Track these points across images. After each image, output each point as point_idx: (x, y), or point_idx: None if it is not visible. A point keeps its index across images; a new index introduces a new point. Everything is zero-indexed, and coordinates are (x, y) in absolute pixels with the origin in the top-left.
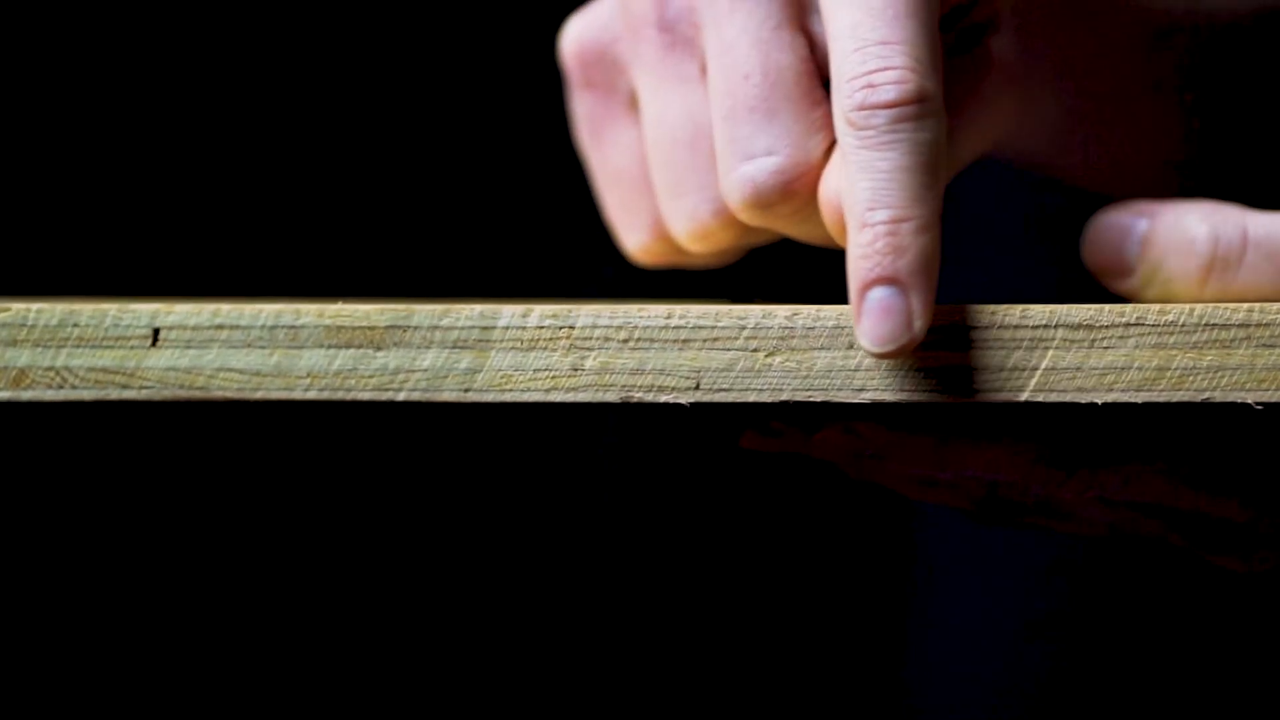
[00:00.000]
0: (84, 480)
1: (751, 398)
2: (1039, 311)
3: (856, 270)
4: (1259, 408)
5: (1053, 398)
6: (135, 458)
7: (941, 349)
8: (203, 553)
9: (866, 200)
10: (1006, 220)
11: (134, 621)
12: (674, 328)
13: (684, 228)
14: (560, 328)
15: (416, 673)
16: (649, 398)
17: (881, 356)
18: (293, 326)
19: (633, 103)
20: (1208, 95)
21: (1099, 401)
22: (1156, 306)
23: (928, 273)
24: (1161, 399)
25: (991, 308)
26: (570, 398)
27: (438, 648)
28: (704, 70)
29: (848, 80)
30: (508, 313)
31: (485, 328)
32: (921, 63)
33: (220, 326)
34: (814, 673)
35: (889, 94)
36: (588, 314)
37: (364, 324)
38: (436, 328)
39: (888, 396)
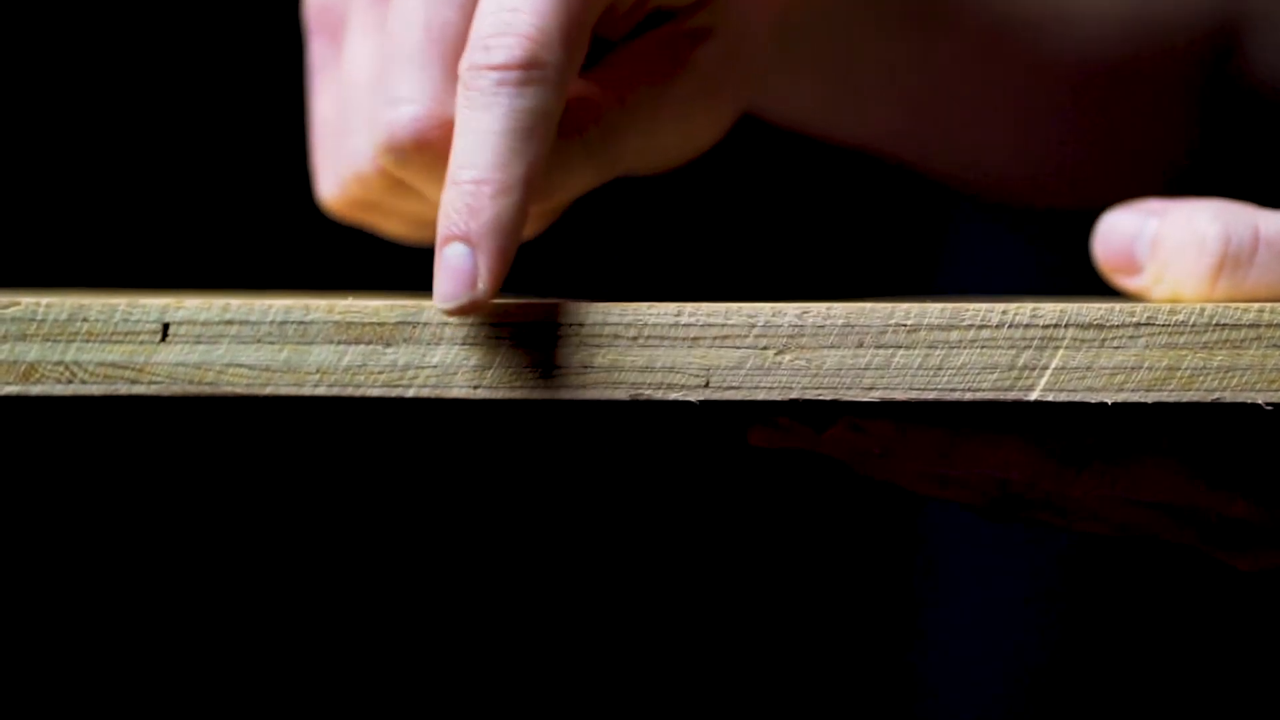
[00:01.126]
0: (93, 475)
1: (761, 396)
2: (1050, 310)
3: (439, 227)
4: (1269, 408)
5: (1063, 397)
6: (144, 453)
7: (951, 346)
8: (210, 547)
9: (458, 159)
10: (1017, 218)
11: (142, 615)
12: (684, 325)
13: (347, 169)
14: (570, 325)
15: (423, 666)
16: (658, 395)
17: (450, 314)
18: (302, 322)
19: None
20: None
21: (1109, 401)
22: (1167, 306)
23: (500, 235)
24: (1172, 399)
25: (1002, 306)
26: (579, 395)
27: (445, 641)
28: None
29: (471, 40)
30: (517, 310)
31: (495, 324)
32: (543, 32)
33: (230, 322)
34: (821, 668)
35: (498, 56)
36: (597, 311)
37: (374, 320)
38: (446, 324)
39: (897, 395)
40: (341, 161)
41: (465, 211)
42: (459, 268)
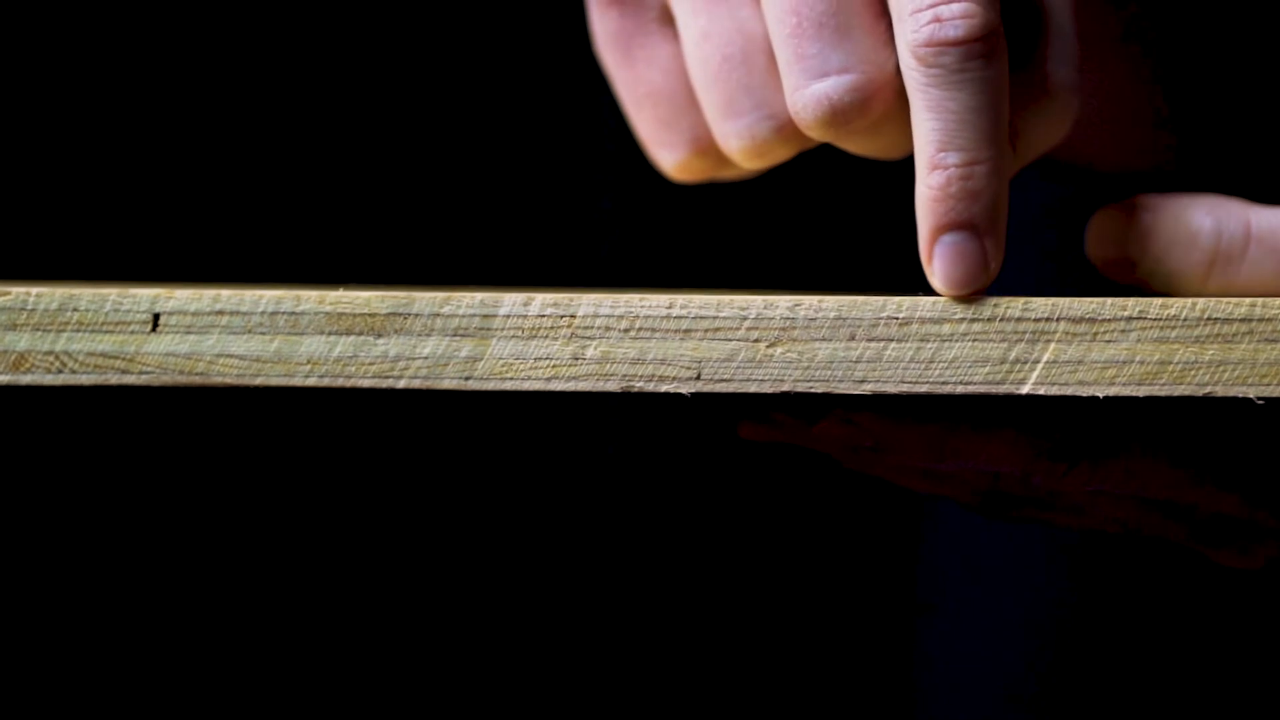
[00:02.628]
0: (83, 465)
1: (753, 388)
2: (1041, 304)
3: (930, 213)
4: (1260, 402)
5: (1054, 391)
6: (134, 443)
7: (943, 340)
8: (202, 538)
9: (938, 140)
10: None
11: (133, 606)
12: (675, 317)
13: (740, 145)
14: (561, 316)
15: (415, 664)
16: (650, 387)
17: (955, 297)
18: (293, 313)
19: (665, 18)
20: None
21: (1100, 395)
22: (1159, 300)
23: (1000, 215)
24: (1163, 393)
25: (994, 300)
26: (571, 387)
27: (436, 637)
28: None
29: (912, 12)
30: (509, 301)
31: (486, 316)
32: None
33: (220, 312)
34: (818, 667)
35: (958, 30)
36: (589, 303)
37: (365, 311)
38: (438, 315)
39: (889, 388)
40: (725, 137)
41: (963, 196)
42: (968, 253)
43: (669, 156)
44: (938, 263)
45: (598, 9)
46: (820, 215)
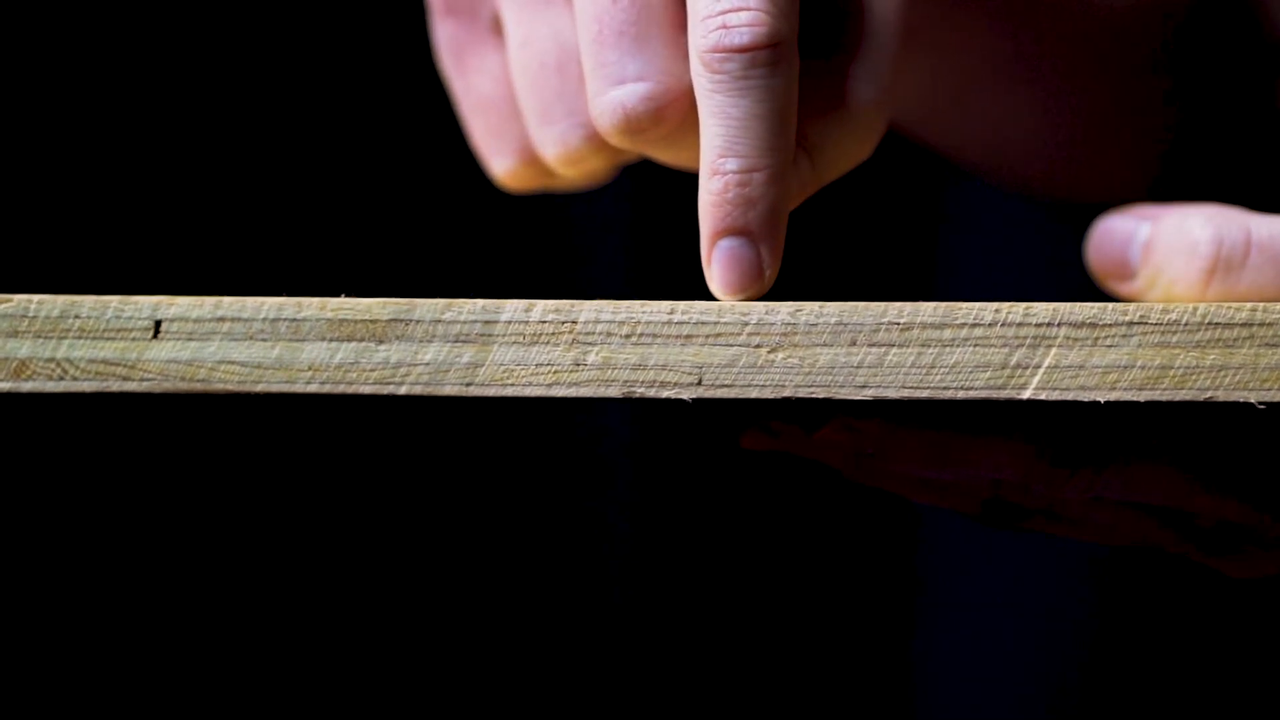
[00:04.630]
0: (85, 472)
1: (754, 393)
2: (1042, 309)
3: (708, 218)
4: (1262, 407)
5: (1055, 396)
6: (136, 450)
7: (944, 345)
8: (203, 545)
9: (719, 147)
10: (1011, 219)
11: (135, 613)
12: (677, 323)
13: (554, 153)
14: (563, 322)
15: (415, 669)
16: (651, 393)
17: (733, 300)
18: (295, 320)
19: (496, 28)
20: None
21: (1101, 400)
22: (1159, 305)
23: (777, 223)
24: (1164, 398)
25: (995, 305)
26: (572, 392)
27: (437, 642)
28: None
29: (703, 18)
30: (510, 307)
31: (488, 322)
32: (777, 5)
33: (222, 319)
34: (819, 676)
35: (743, 37)
36: (590, 309)
37: (366, 317)
38: (439, 321)
39: (890, 393)
40: (541, 144)
41: (739, 202)
42: (743, 258)
43: (499, 164)
44: (715, 267)
45: (437, 18)
46: (820, 222)
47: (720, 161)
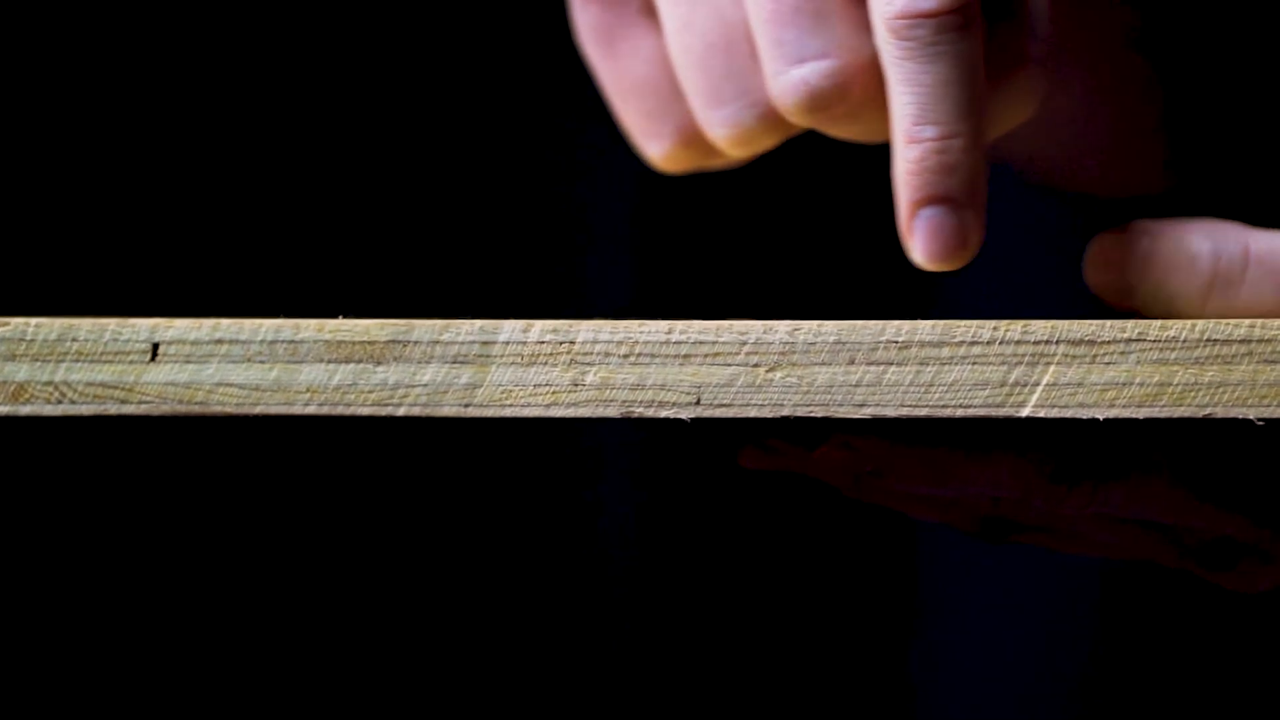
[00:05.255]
0: (83, 495)
1: (752, 413)
2: (1041, 327)
3: (908, 187)
4: (1260, 423)
5: (1054, 413)
6: (134, 473)
7: (942, 363)
8: (202, 567)
9: (914, 114)
10: (1008, 233)
11: (133, 636)
12: (675, 343)
13: (726, 133)
14: (561, 343)
15: (413, 686)
16: (649, 413)
17: (935, 270)
18: (292, 341)
19: (646, 9)
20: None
21: (1100, 417)
22: (1158, 322)
23: (978, 188)
24: (1163, 414)
25: (994, 322)
26: (570, 413)
27: (435, 661)
28: None
29: None
30: (508, 328)
31: (485, 343)
32: None
33: (220, 341)
34: (820, 694)
35: (931, 1)
36: (588, 329)
37: (364, 339)
38: (437, 342)
39: (888, 412)
40: (711, 125)
41: (940, 169)
42: (947, 226)
43: (656, 147)
44: (917, 237)
45: (579, 2)
46: (819, 240)
47: (916, 129)
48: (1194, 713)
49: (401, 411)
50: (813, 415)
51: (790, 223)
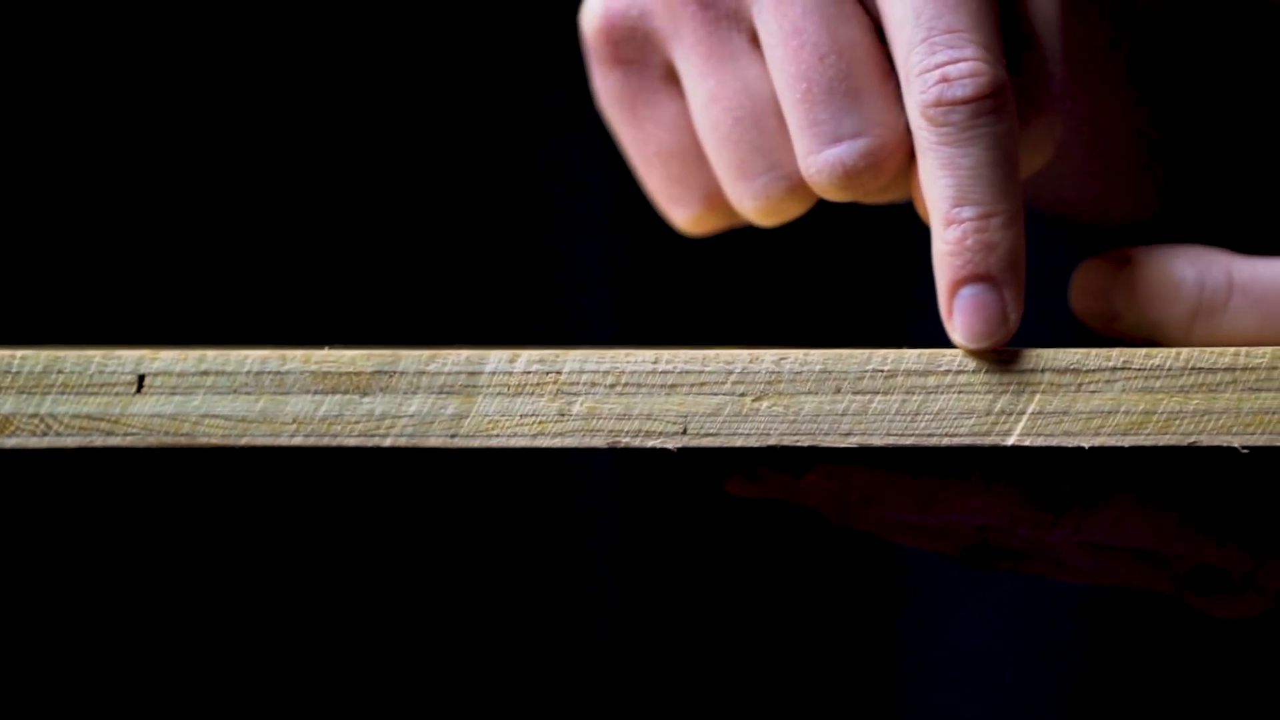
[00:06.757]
0: (70, 526)
1: (739, 442)
2: (1026, 355)
3: (947, 267)
4: (1245, 451)
5: (1040, 441)
6: (121, 504)
7: (928, 392)
8: (189, 597)
9: (952, 196)
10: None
11: (120, 663)
12: (661, 372)
13: (754, 205)
14: (547, 373)
15: (402, 712)
16: (636, 442)
17: (976, 351)
18: (278, 372)
19: (669, 76)
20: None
21: (1086, 445)
22: (1143, 350)
23: (1018, 266)
24: (1148, 443)
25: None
26: (557, 443)
27: (425, 691)
28: (754, 43)
29: (919, 73)
30: (494, 358)
31: (472, 373)
32: (991, 50)
33: (206, 372)
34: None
35: (966, 89)
36: (574, 359)
37: (350, 369)
38: (423, 373)
39: (874, 441)
40: (739, 197)
41: (979, 248)
42: (987, 304)
43: (682, 213)
44: (958, 316)
45: (600, 69)
46: (805, 271)
47: (956, 211)
48: None
49: (388, 442)
50: (799, 445)
51: (777, 252)
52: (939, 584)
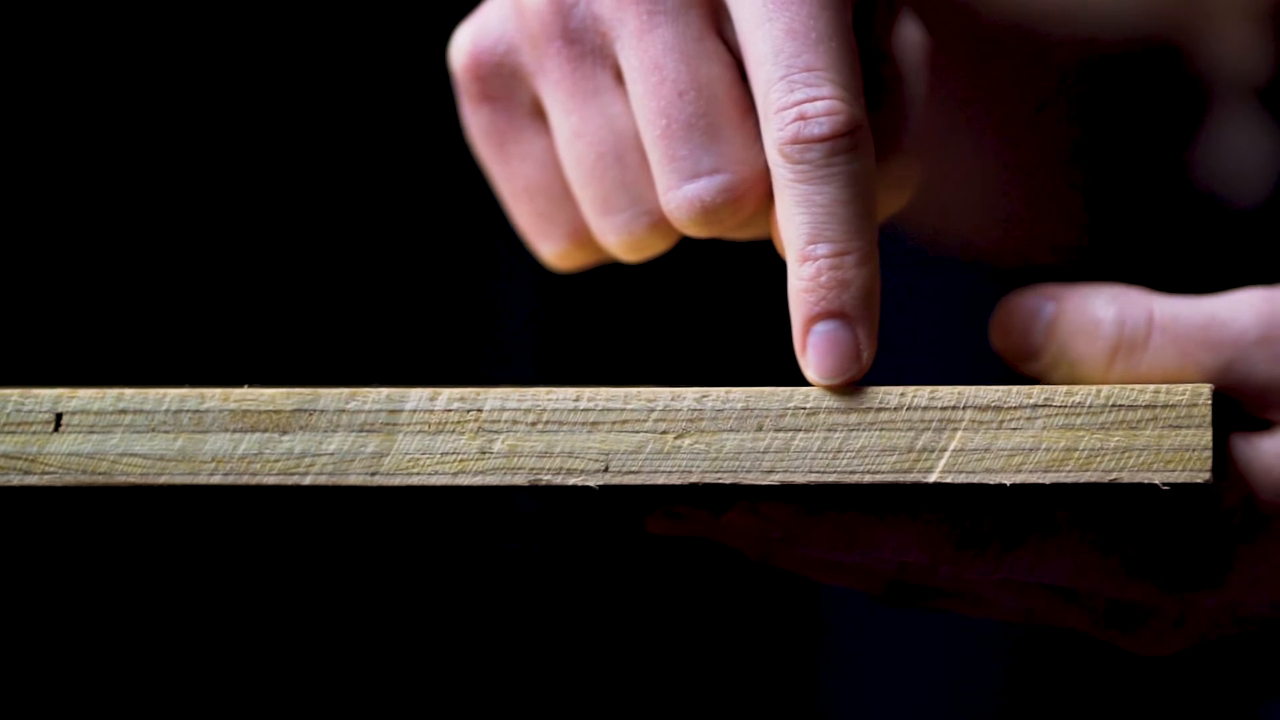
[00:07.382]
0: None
1: (660, 480)
2: (947, 393)
3: (801, 304)
4: (1166, 488)
5: (961, 478)
6: (39, 544)
7: (850, 430)
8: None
9: (806, 234)
10: (915, 299)
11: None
12: (583, 410)
13: (618, 240)
14: (468, 410)
15: None
16: (557, 480)
17: (829, 388)
18: (197, 411)
19: (536, 112)
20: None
21: (1007, 482)
22: (1064, 388)
23: (871, 304)
24: (1069, 479)
25: (900, 389)
26: (478, 481)
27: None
28: (618, 79)
29: (777, 111)
30: (415, 396)
31: (392, 411)
32: (849, 89)
33: (124, 411)
34: None
35: (822, 127)
36: (495, 397)
37: (269, 408)
38: (343, 411)
39: (796, 478)
40: (602, 232)
41: (833, 285)
42: (841, 341)
43: (548, 248)
44: (812, 353)
45: (469, 105)
46: (726, 309)
47: (811, 248)
48: None
49: (308, 480)
50: (721, 482)
51: (700, 289)
52: (858, 621)
